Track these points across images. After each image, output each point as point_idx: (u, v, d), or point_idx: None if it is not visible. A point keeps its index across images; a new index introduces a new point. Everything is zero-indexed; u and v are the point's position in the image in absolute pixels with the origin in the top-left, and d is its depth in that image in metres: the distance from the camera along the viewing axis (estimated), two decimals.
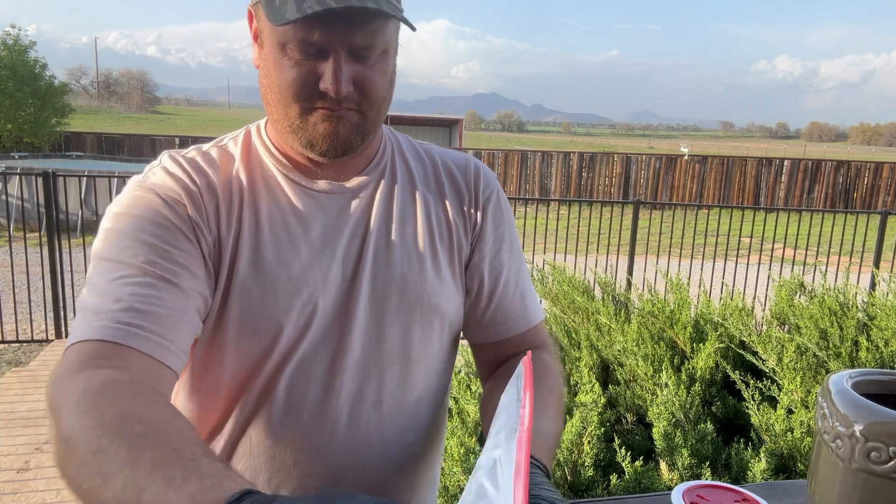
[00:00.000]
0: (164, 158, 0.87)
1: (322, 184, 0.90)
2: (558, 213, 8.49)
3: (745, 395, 2.28)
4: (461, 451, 2.07)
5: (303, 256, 0.87)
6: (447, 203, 0.97)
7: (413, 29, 0.82)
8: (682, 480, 1.93)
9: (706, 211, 11.29)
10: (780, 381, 2.35)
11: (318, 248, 0.88)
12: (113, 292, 0.73)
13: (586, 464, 2.07)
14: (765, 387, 2.33)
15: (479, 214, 0.98)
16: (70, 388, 0.64)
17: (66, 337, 5.18)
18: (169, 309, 0.75)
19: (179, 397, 0.93)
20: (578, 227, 6.44)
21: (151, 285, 0.75)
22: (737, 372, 2.40)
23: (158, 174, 0.85)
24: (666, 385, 2.31)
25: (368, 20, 0.77)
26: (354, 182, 0.92)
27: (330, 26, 0.76)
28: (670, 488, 1.13)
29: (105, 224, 0.81)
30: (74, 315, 4.40)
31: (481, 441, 2.38)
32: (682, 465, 2.03)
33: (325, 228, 0.89)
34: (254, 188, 0.88)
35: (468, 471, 2.08)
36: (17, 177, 9.47)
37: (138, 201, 0.81)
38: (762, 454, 1.98)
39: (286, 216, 0.88)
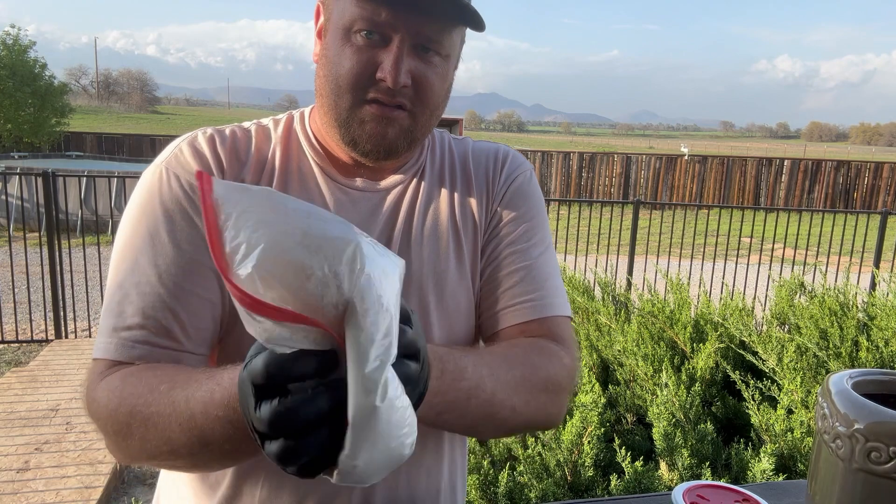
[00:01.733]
0: (199, 134, 0.86)
1: (357, 181, 0.89)
2: (558, 214, 8.50)
3: (745, 395, 2.28)
4: None
5: None
6: (473, 198, 0.94)
7: (482, 29, 0.80)
8: (683, 480, 1.93)
9: (706, 211, 11.29)
10: (780, 381, 2.35)
11: None
12: (133, 303, 0.78)
13: (586, 464, 2.07)
14: (765, 387, 2.33)
15: (497, 198, 0.95)
16: (97, 395, 0.74)
17: (66, 337, 5.19)
18: (182, 321, 0.78)
19: None
20: (578, 227, 6.44)
21: (170, 294, 0.78)
22: (737, 372, 2.40)
23: (186, 152, 0.83)
24: (666, 385, 2.31)
25: (439, 14, 0.76)
26: (389, 181, 0.91)
27: (399, 9, 0.75)
28: (670, 488, 1.13)
29: (133, 203, 0.82)
30: (75, 315, 4.36)
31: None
32: (682, 465, 2.03)
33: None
34: (286, 175, 0.87)
35: (468, 471, 2.09)
36: (17, 177, 9.47)
37: (162, 191, 0.81)
38: (762, 454, 1.98)
39: None
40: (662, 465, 2.08)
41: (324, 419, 0.48)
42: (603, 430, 2.19)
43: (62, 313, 5.20)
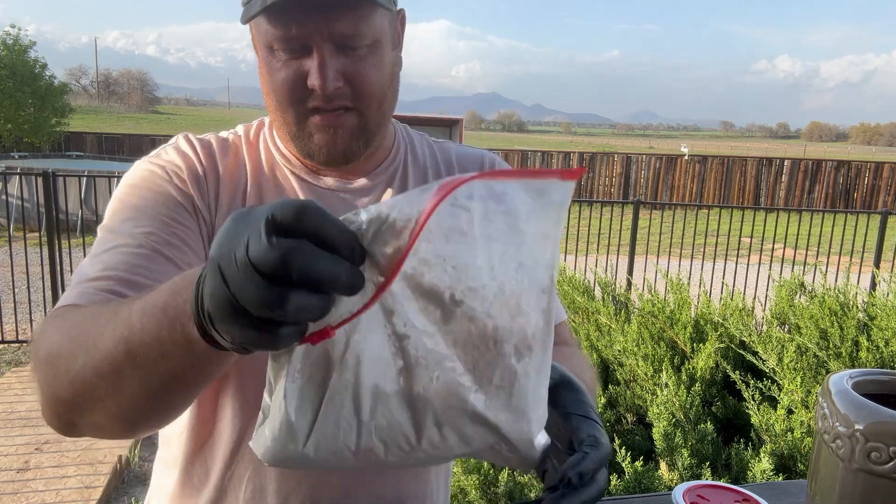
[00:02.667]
0: (180, 138, 0.88)
1: (329, 181, 0.89)
2: None
3: (746, 395, 2.28)
4: None
5: None
6: None
7: (390, 8, 0.79)
8: (683, 480, 1.93)
9: (706, 211, 11.29)
10: (781, 381, 2.35)
11: None
12: (104, 261, 0.73)
13: None
14: (765, 387, 2.33)
15: None
16: (44, 327, 0.66)
17: None
18: (156, 281, 0.72)
19: None
20: (578, 227, 6.44)
21: (144, 256, 0.74)
22: (737, 372, 2.40)
23: (170, 153, 0.85)
24: (666, 385, 2.31)
25: (344, 7, 0.75)
26: (363, 182, 0.90)
27: (305, 18, 0.74)
28: (670, 488, 1.13)
29: (113, 198, 0.83)
30: None
31: None
32: (683, 465, 2.03)
33: None
34: (260, 180, 0.87)
35: (468, 471, 2.08)
36: (17, 177, 9.47)
37: (146, 176, 0.82)
38: (762, 454, 1.98)
39: None
40: (662, 465, 2.08)
41: (333, 289, 0.41)
42: None
43: None
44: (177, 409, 0.63)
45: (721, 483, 0.88)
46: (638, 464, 2.02)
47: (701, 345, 2.61)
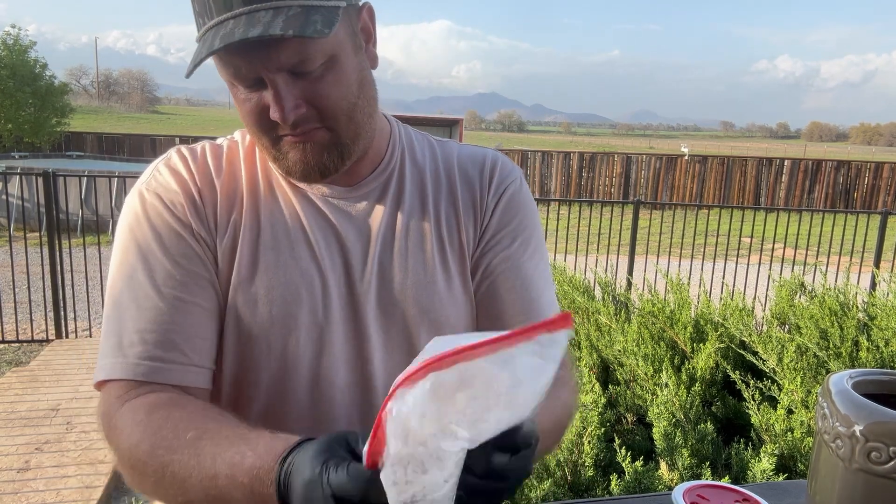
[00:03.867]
0: (173, 154, 0.87)
1: (323, 188, 0.88)
2: (558, 213, 8.50)
3: (746, 395, 2.28)
4: None
5: (303, 262, 0.84)
6: (459, 206, 0.91)
7: (322, 35, 0.70)
8: (683, 480, 1.93)
9: (706, 211, 11.29)
10: (781, 381, 2.35)
11: (318, 254, 0.85)
12: (134, 319, 0.79)
13: (586, 464, 2.07)
14: (765, 387, 2.33)
15: (488, 210, 0.92)
16: (118, 422, 0.74)
17: (67, 337, 5.19)
18: (186, 333, 0.79)
19: None
20: (578, 227, 6.44)
21: (169, 308, 0.79)
22: (737, 372, 2.40)
23: (163, 172, 0.85)
24: (666, 385, 2.31)
25: (287, 42, 0.72)
26: (360, 187, 0.89)
27: (247, 56, 0.73)
28: (670, 488, 1.13)
29: (119, 234, 0.84)
30: (75, 315, 4.36)
31: None
32: (683, 465, 2.03)
33: (326, 234, 0.86)
34: (256, 187, 0.87)
35: None
36: (18, 177, 9.47)
37: (148, 210, 0.83)
38: (762, 454, 1.98)
39: (286, 219, 0.86)
40: (662, 465, 2.08)
41: None
42: (603, 430, 2.19)
43: (62, 313, 5.20)
44: None
45: (721, 483, 0.88)
46: (638, 464, 2.02)
47: (701, 345, 2.62)
